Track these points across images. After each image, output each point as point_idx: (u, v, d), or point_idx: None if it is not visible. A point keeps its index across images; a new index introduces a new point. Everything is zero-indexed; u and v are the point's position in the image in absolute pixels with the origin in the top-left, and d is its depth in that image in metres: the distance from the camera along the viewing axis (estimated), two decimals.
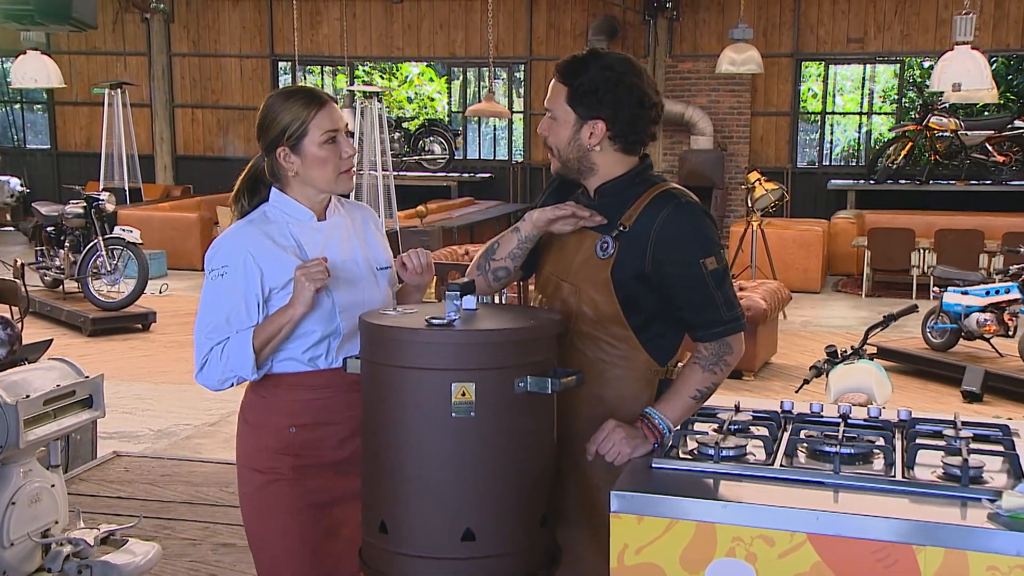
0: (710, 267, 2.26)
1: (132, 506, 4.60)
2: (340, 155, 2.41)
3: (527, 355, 2.05)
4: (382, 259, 2.55)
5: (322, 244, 2.44)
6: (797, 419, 2.41)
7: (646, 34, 13.91)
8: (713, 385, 2.31)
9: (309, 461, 2.43)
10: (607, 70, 2.29)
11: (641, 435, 2.26)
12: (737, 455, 2.14)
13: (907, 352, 7.79)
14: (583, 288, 2.35)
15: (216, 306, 2.37)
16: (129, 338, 8.87)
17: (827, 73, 14.42)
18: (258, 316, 2.37)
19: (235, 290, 2.36)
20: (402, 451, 2.04)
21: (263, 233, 2.41)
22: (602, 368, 2.35)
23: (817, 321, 9.81)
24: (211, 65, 15.57)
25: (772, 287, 8.15)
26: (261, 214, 2.46)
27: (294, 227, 2.44)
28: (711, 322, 2.29)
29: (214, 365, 2.36)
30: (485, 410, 2.00)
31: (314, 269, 2.29)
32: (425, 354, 2.01)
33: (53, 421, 3.34)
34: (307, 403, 2.42)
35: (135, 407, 6.75)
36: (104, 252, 9.10)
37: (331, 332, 2.41)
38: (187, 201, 13.61)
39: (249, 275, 2.36)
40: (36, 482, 3.39)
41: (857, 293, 11.20)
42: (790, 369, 7.88)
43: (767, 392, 7.17)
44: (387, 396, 2.05)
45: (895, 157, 12.94)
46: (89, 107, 15.68)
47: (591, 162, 2.35)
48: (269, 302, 2.38)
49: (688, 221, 2.28)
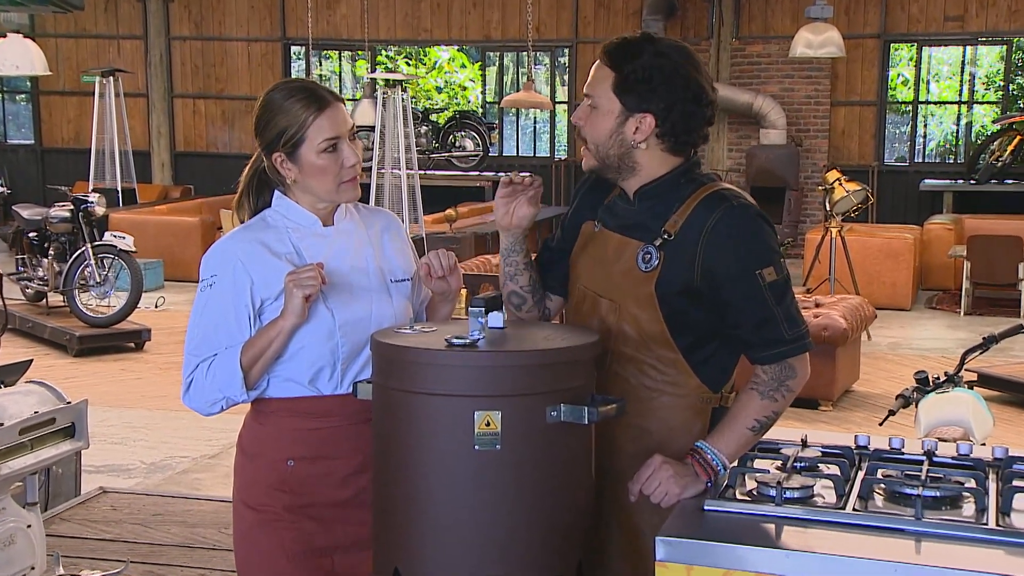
0: (768, 278, 2.26)
1: (119, 549, 4.65)
2: (342, 164, 2.44)
3: (561, 380, 2.06)
4: (399, 271, 2.58)
5: (326, 252, 2.48)
6: (874, 456, 2.40)
7: (709, 13, 13.91)
8: (774, 414, 2.31)
9: (306, 500, 2.45)
10: (663, 57, 2.29)
11: (691, 472, 2.25)
12: (803, 497, 2.13)
13: (1012, 379, 7.69)
14: (624, 305, 2.36)
15: (204, 319, 2.42)
16: (120, 358, 8.98)
17: (920, 56, 14.32)
18: (250, 330, 2.41)
19: (224, 301, 2.40)
20: (418, 488, 2.06)
21: (258, 240, 2.45)
22: (647, 396, 2.36)
23: (907, 343, 9.73)
24: (215, 50, 15.79)
25: (854, 303, 8.10)
26: (260, 220, 2.51)
27: (295, 233, 2.48)
28: (771, 342, 2.29)
29: (200, 385, 2.40)
30: (512, 442, 2.01)
31: (304, 275, 2.32)
32: (444, 379, 2.02)
33: (30, 453, 3.39)
34: (307, 433, 2.45)
35: (126, 437, 6.83)
36: (93, 261, 9.21)
37: (332, 351, 2.43)
38: (187, 203, 13.77)
39: (239, 285, 2.40)
40: (10, 522, 3.43)
41: (954, 311, 11.08)
42: (874, 398, 7.81)
43: (847, 425, 7.12)
44: (401, 426, 2.07)
45: (1000, 153, 12.82)
46: (78, 97, 15.96)
47: (633, 161, 2.36)
48: (262, 315, 2.42)
49: (742, 226, 2.28)
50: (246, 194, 2.55)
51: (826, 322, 7.38)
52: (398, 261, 2.59)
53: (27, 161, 16.74)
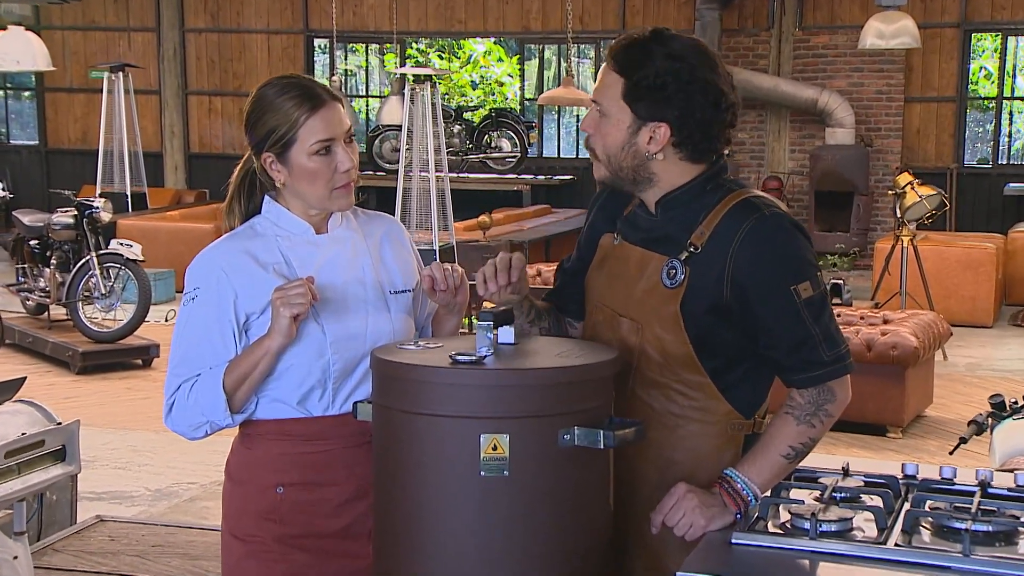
0: (804, 295, 2.26)
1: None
2: (335, 168, 2.46)
3: (574, 401, 2.07)
4: (399, 281, 2.59)
5: (319, 262, 2.50)
6: (921, 487, 2.40)
7: (769, 1, 13.87)
8: (811, 441, 2.31)
9: (297, 530, 2.47)
10: (676, 60, 2.29)
11: (719, 503, 2.26)
12: (841, 530, 2.13)
13: None
14: (647, 325, 2.36)
15: (186, 335, 2.45)
16: (126, 376, 9.05)
17: (1005, 47, 14.19)
18: (236, 347, 2.43)
19: (207, 316, 2.43)
20: (421, 517, 2.08)
21: (243, 249, 2.47)
22: (673, 423, 2.37)
23: (987, 364, 9.63)
24: (232, 43, 15.94)
25: (927, 320, 8.03)
26: (248, 227, 2.53)
27: (285, 242, 2.50)
28: (808, 364, 2.29)
29: (182, 407, 2.43)
30: (521, 468, 2.03)
31: (292, 291, 2.34)
32: (448, 398, 2.05)
33: (17, 477, 3.43)
34: (297, 457, 2.47)
35: (130, 461, 6.90)
36: (98, 271, 9.25)
37: (323, 369, 2.45)
38: (201, 209, 13.86)
39: (223, 298, 2.43)
40: None
41: None
42: (950, 424, 7.74)
43: (918, 454, 7.06)
44: (402, 449, 2.10)
45: None
46: (86, 95, 16.14)
47: (649, 172, 2.37)
48: (248, 331, 2.45)
49: (774, 237, 2.29)
50: (236, 198, 2.58)
51: (895, 340, 7.34)
52: (398, 271, 2.60)
53: (31, 163, 16.94)
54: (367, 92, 17.04)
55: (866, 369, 7.36)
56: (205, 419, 2.42)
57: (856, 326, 7.75)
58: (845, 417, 8.20)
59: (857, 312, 8.31)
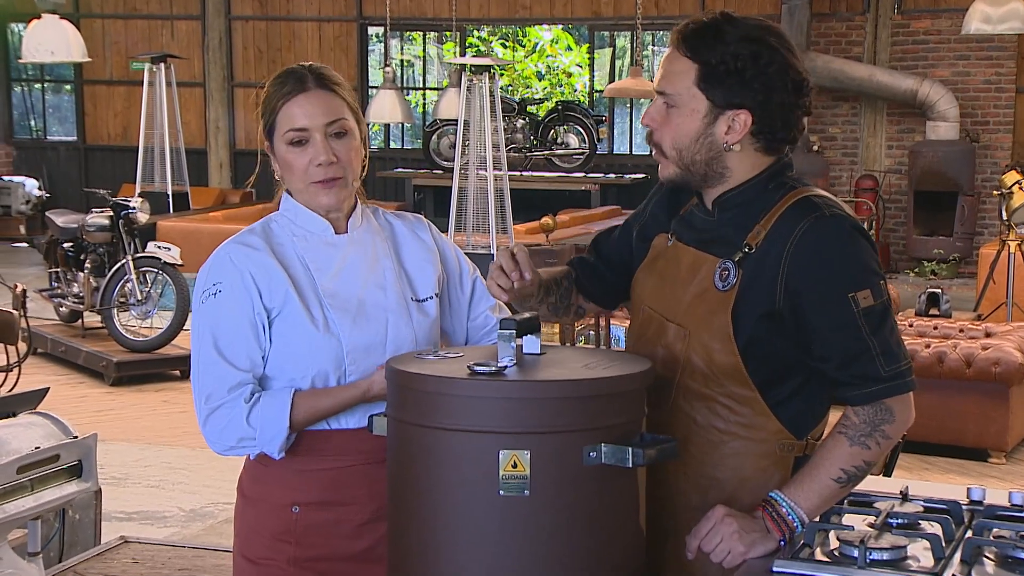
0: (863, 303, 2.26)
1: None
2: (310, 162, 2.49)
3: (601, 416, 2.09)
4: (422, 288, 2.63)
5: (337, 265, 2.54)
6: (986, 513, 2.38)
7: None
8: (865, 464, 2.30)
9: (314, 552, 2.50)
10: (753, 42, 2.30)
11: (762, 528, 2.27)
12: (893, 559, 2.12)
13: None
14: (695, 332, 2.37)
15: (218, 330, 2.46)
16: (163, 388, 9.15)
17: None
18: (268, 344, 2.47)
19: (235, 309, 2.47)
20: (436, 539, 2.10)
21: (260, 246, 2.51)
22: (717, 439, 2.37)
23: None
24: (282, 31, 16.11)
25: None
26: (264, 225, 2.58)
27: (301, 243, 2.55)
28: (863, 379, 2.28)
29: (227, 419, 2.44)
30: (544, 487, 2.05)
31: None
32: (465, 412, 2.07)
33: (30, 494, 3.45)
34: (315, 474, 2.50)
35: (163, 479, 6.99)
36: (134, 276, 9.38)
37: (340, 380, 2.49)
38: (247, 209, 13.98)
39: (249, 292, 2.46)
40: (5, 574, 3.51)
41: None
42: None
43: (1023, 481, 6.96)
44: (417, 466, 2.12)
45: None
46: (126, 87, 16.41)
47: (723, 166, 2.38)
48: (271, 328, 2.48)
49: (833, 240, 2.29)
50: None
51: (997, 355, 7.24)
52: (421, 276, 2.64)
53: (69, 161, 17.23)
54: (424, 84, 17.15)
55: (965, 387, 7.28)
56: (256, 443, 2.46)
57: (955, 339, 7.65)
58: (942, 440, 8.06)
59: (956, 324, 8.21)
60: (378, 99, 12.69)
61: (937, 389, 7.22)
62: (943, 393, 7.25)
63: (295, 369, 2.48)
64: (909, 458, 7.04)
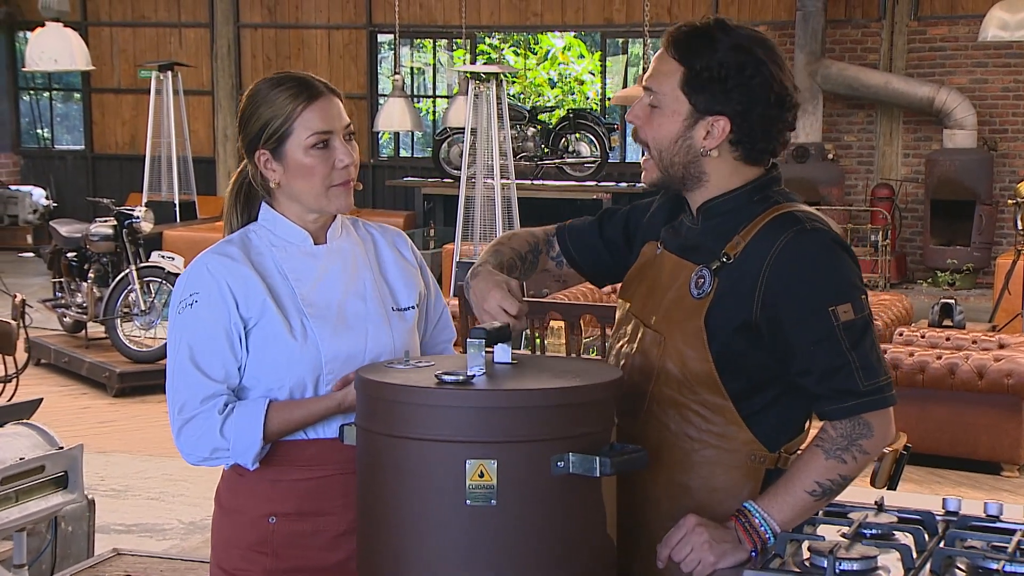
0: (844, 317, 2.27)
1: None
2: (332, 164, 2.52)
3: (569, 425, 2.10)
4: (403, 298, 2.65)
5: (316, 274, 2.56)
6: (959, 524, 2.39)
7: None
8: (841, 478, 2.31)
9: (291, 564, 2.52)
10: (742, 52, 2.34)
11: (733, 538, 2.28)
12: (863, 569, 2.13)
13: None
14: (669, 337, 2.40)
15: (193, 340, 2.48)
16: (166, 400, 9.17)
17: None
18: (245, 354, 2.50)
19: (212, 319, 2.49)
20: (403, 548, 2.12)
21: (237, 256, 2.53)
22: (689, 447, 2.39)
23: None
24: (291, 39, 16.16)
25: None
26: (243, 235, 2.60)
27: (280, 253, 2.57)
28: (841, 393, 2.30)
29: (200, 430, 2.47)
30: (511, 497, 2.06)
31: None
32: (431, 421, 2.08)
33: (14, 505, 3.49)
34: (291, 484, 2.53)
35: (164, 491, 7.00)
36: (137, 286, 9.41)
37: (318, 390, 2.51)
38: None
39: (225, 302, 2.49)
40: None
41: None
42: None
43: None
44: (385, 475, 2.14)
45: None
46: (135, 96, 16.47)
47: (700, 170, 2.41)
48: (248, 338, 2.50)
49: (814, 254, 2.31)
50: (232, 212, 2.65)
51: (1010, 367, 7.22)
52: (402, 286, 2.66)
53: (76, 170, 17.31)
54: (434, 92, 17.18)
55: (977, 399, 7.26)
56: (229, 454, 2.48)
57: (967, 351, 7.63)
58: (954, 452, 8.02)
59: (970, 335, 8.19)
60: (388, 107, 12.72)
61: (949, 401, 7.21)
62: (955, 405, 7.25)
63: (272, 379, 2.51)
64: (920, 471, 7.03)
